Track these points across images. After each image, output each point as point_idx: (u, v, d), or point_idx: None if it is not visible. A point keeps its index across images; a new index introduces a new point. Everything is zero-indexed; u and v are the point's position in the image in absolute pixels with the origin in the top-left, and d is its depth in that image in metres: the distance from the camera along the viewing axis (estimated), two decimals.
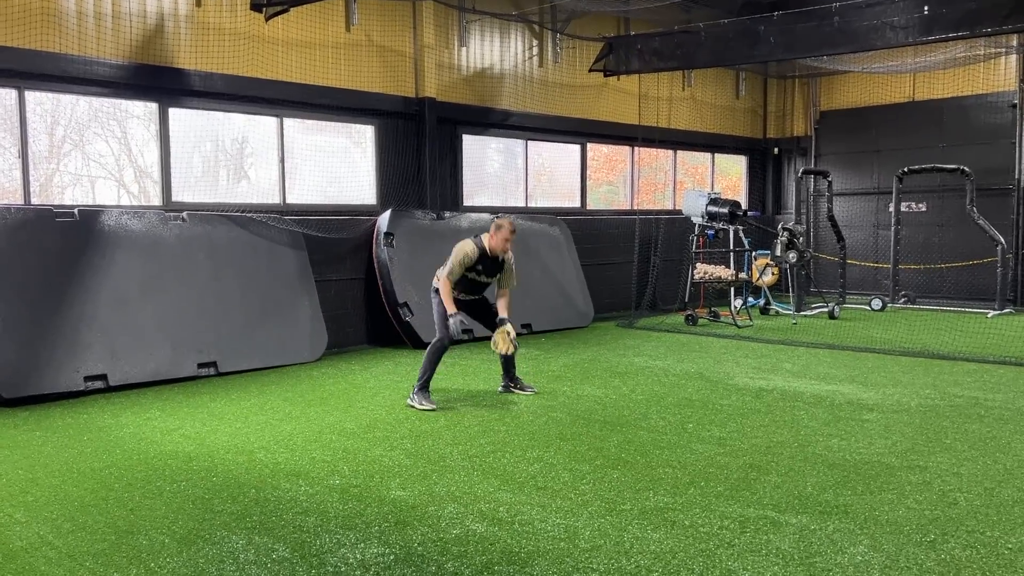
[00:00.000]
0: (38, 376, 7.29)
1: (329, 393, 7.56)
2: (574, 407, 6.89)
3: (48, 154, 8.46)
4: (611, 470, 5.14)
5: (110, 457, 5.53)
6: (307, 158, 10.29)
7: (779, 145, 16.99)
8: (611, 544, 3.98)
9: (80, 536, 4.15)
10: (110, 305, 7.91)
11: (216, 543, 4.04)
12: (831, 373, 8.34)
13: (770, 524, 4.22)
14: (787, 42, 10.72)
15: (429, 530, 4.18)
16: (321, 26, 10.03)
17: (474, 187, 12.12)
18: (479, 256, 7.08)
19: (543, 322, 11.52)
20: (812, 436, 5.92)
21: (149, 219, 8.49)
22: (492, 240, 7.11)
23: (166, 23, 8.79)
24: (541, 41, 12.67)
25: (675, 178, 15.39)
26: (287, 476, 5.08)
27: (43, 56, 7.90)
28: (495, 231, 7.11)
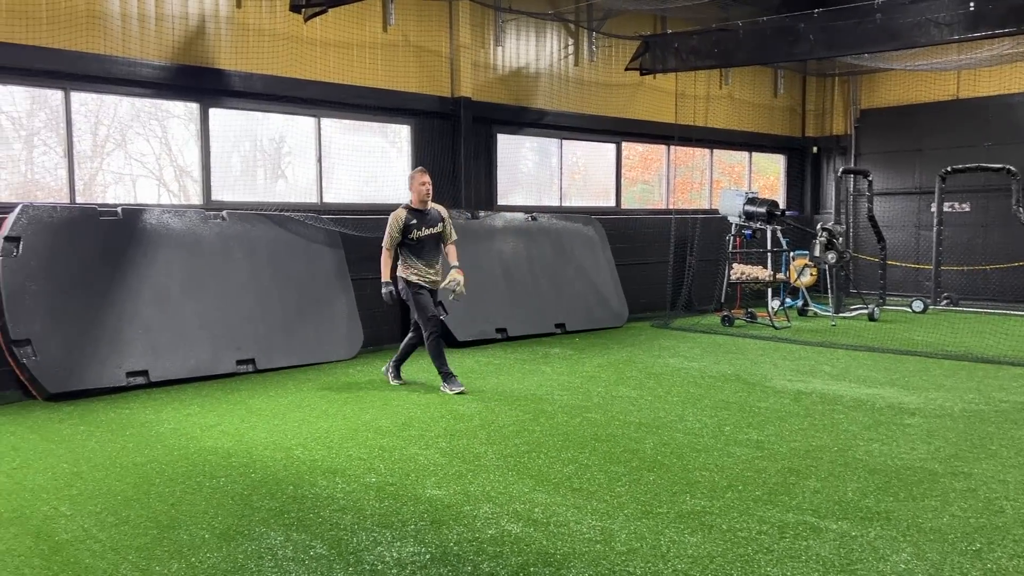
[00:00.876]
0: (82, 371, 7.45)
1: (364, 391, 7.62)
2: (609, 408, 6.86)
3: (91, 153, 8.63)
4: (647, 472, 5.11)
5: (151, 452, 5.62)
6: (344, 158, 10.36)
7: (818, 144, 16.75)
8: (648, 547, 3.95)
9: (123, 530, 4.23)
10: (152, 302, 8.05)
11: (255, 539, 4.09)
12: (871, 376, 8.20)
13: (810, 530, 4.16)
14: (827, 40, 10.56)
15: (464, 530, 4.19)
16: (359, 26, 10.10)
17: (508, 186, 12.13)
18: (408, 213, 7.43)
19: (577, 322, 11.49)
20: (852, 440, 5.83)
21: (190, 218, 8.62)
22: (412, 192, 7.50)
23: (207, 24, 8.92)
24: (577, 40, 12.63)
25: (711, 177, 15.25)
26: (324, 473, 5.12)
27: (88, 58, 8.06)
28: (409, 184, 7.55)
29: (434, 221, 7.51)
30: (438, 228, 7.54)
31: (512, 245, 11.23)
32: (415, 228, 7.41)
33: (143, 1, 8.42)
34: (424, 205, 7.50)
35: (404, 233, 7.40)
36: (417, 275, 7.47)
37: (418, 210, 7.48)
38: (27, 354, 7.22)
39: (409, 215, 7.43)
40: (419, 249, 7.45)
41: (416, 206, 7.49)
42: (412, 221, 7.41)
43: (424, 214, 7.47)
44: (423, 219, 7.45)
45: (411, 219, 7.41)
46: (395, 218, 7.43)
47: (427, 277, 7.50)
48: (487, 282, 10.74)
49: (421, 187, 7.44)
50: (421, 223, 7.43)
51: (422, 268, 7.47)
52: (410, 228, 7.40)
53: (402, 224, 7.41)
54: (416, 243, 7.43)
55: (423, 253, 7.48)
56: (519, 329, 10.78)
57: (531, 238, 11.51)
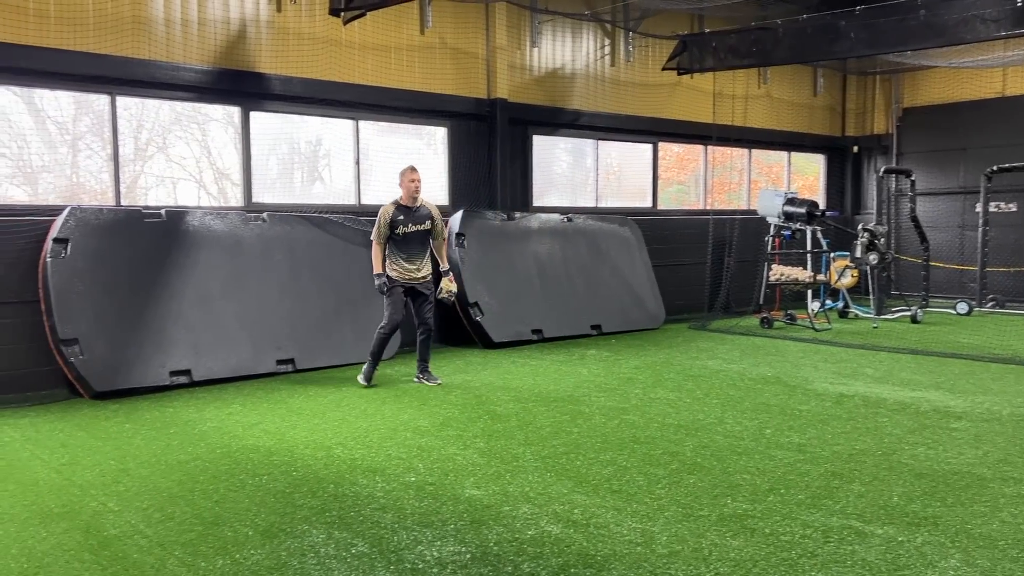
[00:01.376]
0: (127, 370, 7.59)
1: (402, 391, 7.66)
2: (647, 410, 6.82)
3: (134, 157, 8.79)
4: (687, 475, 5.07)
5: (195, 450, 5.72)
6: (381, 159, 10.44)
7: (859, 143, 16.49)
8: (689, 550, 3.92)
9: (169, 526, 4.30)
10: (194, 303, 8.18)
11: (297, 536, 4.14)
12: (915, 379, 8.05)
13: (855, 534, 4.09)
14: (869, 37, 10.39)
15: (504, 530, 4.19)
16: (396, 29, 10.18)
17: (544, 187, 12.12)
18: (396, 208, 7.62)
19: (613, 323, 11.44)
20: (897, 444, 5.72)
21: (231, 219, 8.75)
22: (401, 189, 7.71)
23: (248, 28, 9.05)
24: (613, 40, 12.59)
25: (749, 177, 15.09)
26: (364, 472, 5.16)
27: (133, 63, 8.22)
28: (400, 181, 7.74)
29: (422, 218, 7.67)
30: (425, 225, 7.69)
31: (548, 246, 11.22)
32: (402, 224, 7.59)
33: (186, 6, 8.57)
34: (413, 202, 7.66)
35: (391, 228, 7.60)
36: (398, 271, 7.67)
37: (407, 206, 7.66)
38: (74, 353, 7.38)
39: (397, 211, 7.62)
40: (404, 245, 7.63)
41: (405, 202, 7.67)
42: (399, 217, 7.60)
43: (412, 211, 7.65)
44: (410, 215, 7.63)
45: (399, 215, 7.61)
46: (384, 212, 7.64)
47: (407, 274, 7.69)
48: (523, 283, 10.74)
49: (410, 183, 7.64)
50: (408, 219, 7.61)
51: (404, 265, 7.66)
52: (397, 223, 7.59)
53: (389, 218, 7.60)
54: (402, 238, 7.61)
55: (408, 249, 7.65)
56: (555, 330, 10.76)
57: (567, 239, 11.49)
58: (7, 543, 4.11)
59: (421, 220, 7.67)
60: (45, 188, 8.19)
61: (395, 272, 7.69)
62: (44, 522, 4.38)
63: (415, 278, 7.73)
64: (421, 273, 7.76)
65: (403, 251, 7.66)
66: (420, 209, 7.69)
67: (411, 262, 7.68)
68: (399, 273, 7.68)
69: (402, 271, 7.68)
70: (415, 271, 7.71)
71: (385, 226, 7.61)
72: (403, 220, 7.60)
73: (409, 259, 7.68)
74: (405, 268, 7.68)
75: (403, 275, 7.69)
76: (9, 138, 7.93)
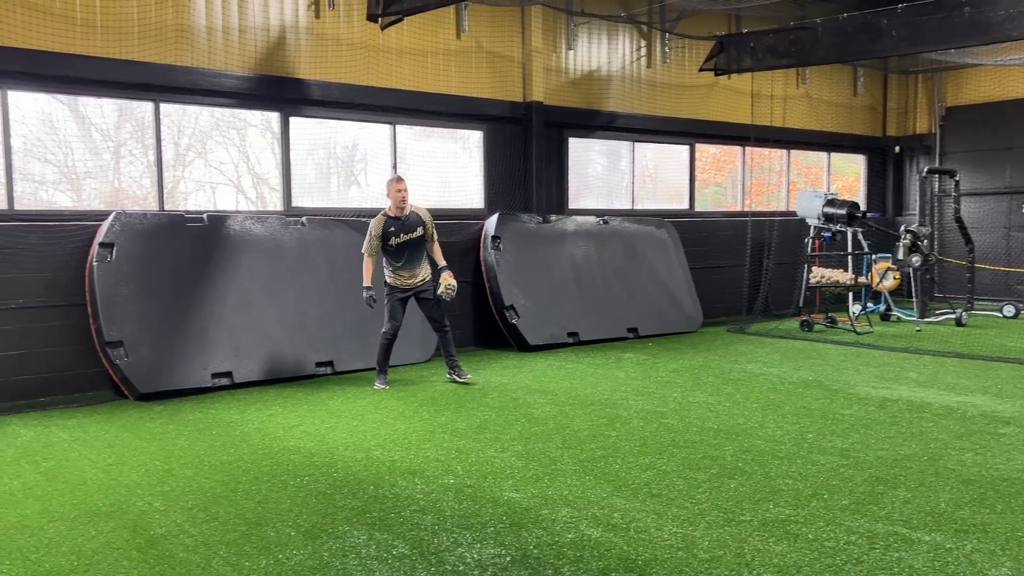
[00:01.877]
0: (170, 372, 7.73)
1: (439, 393, 7.69)
2: (686, 414, 6.76)
3: (174, 162, 8.95)
4: (728, 479, 5.01)
5: (237, 451, 5.80)
6: (416, 163, 10.50)
7: (900, 143, 16.20)
8: (731, 555, 3.88)
9: (213, 526, 4.37)
10: (235, 306, 8.30)
11: (339, 537, 4.17)
12: (961, 383, 7.88)
13: (901, 541, 4.02)
14: (912, 36, 10.21)
15: (544, 533, 4.19)
16: (433, 34, 10.24)
17: (579, 190, 12.09)
18: (386, 220, 7.80)
19: (650, 326, 11.37)
20: (943, 450, 5.61)
21: (271, 224, 8.86)
22: (389, 199, 7.89)
23: (287, 35, 9.17)
24: (649, 41, 12.53)
25: (788, 178, 14.91)
26: (403, 474, 5.19)
27: (176, 70, 8.38)
28: (387, 192, 7.94)
29: (412, 226, 7.83)
30: (417, 233, 7.85)
31: (583, 249, 11.19)
32: (393, 235, 7.77)
33: (227, 14, 8.71)
34: (402, 211, 7.84)
35: (383, 239, 7.78)
36: (395, 279, 7.88)
37: (396, 217, 7.82)
38: (119, 355, 7.53)
39: (388, 222, 7.80)
40: (399, 254, 7.81)
41: (394, 213, 7.84)
42: (390, 228, 7.78)
43: (402, 221, 7.82)
44: (401, 226, 7.80)
45: (389, 226, 7.78)
46: (374, 225, 7.82)
47: (405, 282, 7.88)
48: (558, 286, 10.73)
49: (396, 194, 7.81)
50: (399, 229, 7.79)
51: (401, 273, 7.86)
52: (389, 235, 7.77)
53: (381, 231, 7.78)
54: (396, 249, 7.80)
55: (402, 258, 7.82)
56: (591, 333, 10.73)
57: (602, 241, 11.45)
58: (58, 541, 4.20)
59: (412, 228, 7.84)
60: (89, 194, 8.38)
61: (392, 279, 7.91)
62: (92, 521, 4.47)
63: (414, 284, 7.94)
64: (419, 278, 7.96)
65: (398, 260, 7.83)
66: (410, 217, 7.86)
67: (407, 269, 7.88)
68: (397, 280, 7.90)
69: (400, 279, 7.89)
70: (412, 277, 7.92)
71: (377, 239, 7.79)
72: (394, 231, 7.78)
73: (405, 267, 7.87)
74: (402, 276, 7.88)
75: (401, 282, 7.89)
76: (55, 145, 8.12)
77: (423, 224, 7.90)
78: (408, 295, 7.94)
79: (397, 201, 7.83)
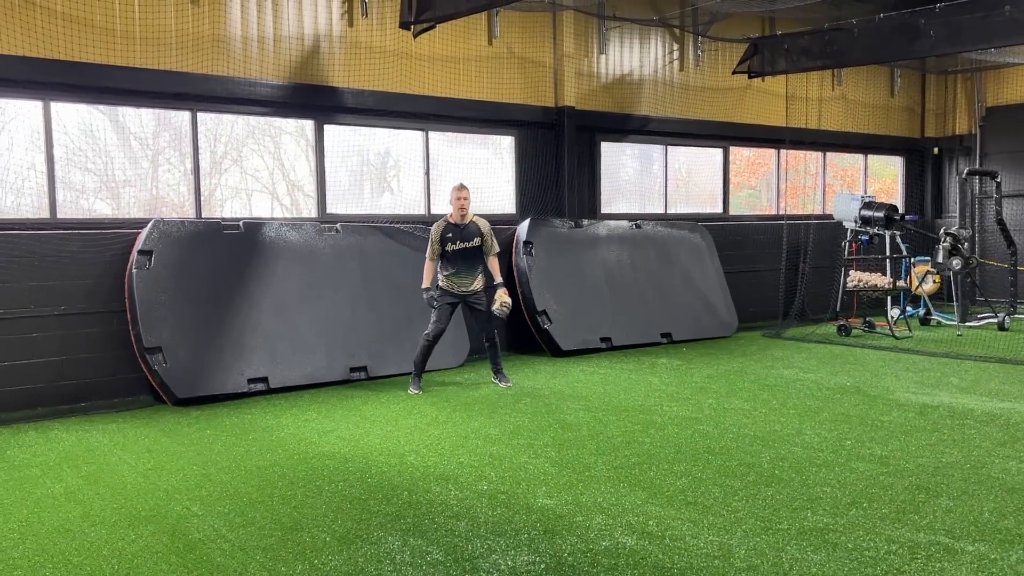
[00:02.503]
0: (208, 377, 7.83)
1: (472, 399, 7.70)
2: (721, 420, 6.69)
3: (210, 170, 9.08)
4: (764, 487, 4.95)
5: (273, 456, 5.85)
6: (449, 169, 10.55)
7: (939, 144, 15.90)
8: (768, 565, 3.83)
9: (250, 531, 4.41)
10: (271, 312, 8.39)
11: (374, 543, 4.19)
12: (1004, 389, 7.70)
13: (944, 551, 3.93)
14: (951, 35, 10.04)
15: (578, 541, 4.17)
16: (464, 41, 10.28)
17: (611, 194, 12.05)
18: (445, 226, 7.96)
19: (684, 331, 11.28)
20: (986, 457, 5.48)
21: (306, 230, 8.95)
22: (451, 207, 8.04)
23: (321, 44, 9.26)
24: (682, 45, 12.45)
25: (824, 181, 14.71)
26: (437, 480, 5.20)
27: (213, 79, 8.50)
28: (449, 199, 8.07)
29: (470, 235, 7.96)
30: (474, 243, 7.97)
31: (616, 253, 11.15)
32: (450, 241, 7.93)
33: (262, 24, 8.83)
34: (462, 219, 7.97)
35: (441, 244, 7.95)
36: (448, 283, 8.02)
37: (456, 224, 7.97)
38: (158, 361, 7.65)
39: (447, 228, 7.97)
40: (454, 260, 7.96)
41: (454, 220, 7.99)
42: (448, 235, 7.95)
43: (461, 228, 7.96)
44: (459, 233, 7.95)
45: (448, 232, 7.96)
46: (434, 230, 8.02)
47: (457, 288, 8.01)
48: (591, 291, 10.69)
49: (456, 201, 7.95)
50: (456, 237, 7.94)
51: (453, 279, 7.99)
52: (446, 240, 7.94)
53: (440, 236, 7.97)
54: (451, 255, 7.95)
55: (456, 264, 7.98)
56: (624, 338, 10.67)
57: (635, 246, 11.39)
58: (99, 544, 4.27)
59: (469, 237, 7.96)
60: (127, 202, 8.53)
61: (445, 284, 8.04)
62: (132, 525, 4.54)
63: (465, 291, 8.04)
64: (470, 287, 8.04)
65: (453, 266, 7.98)
66: (469, 226, 7.98)
67: (460, 277, 8.00)
68: (450, 286, 8.03)
69: (452, 284, 8.02)
70: (464, 286, 8.02)
71: (436, 243, 7.97)
72: (452, 237, 7.93)
73: (458, 274, 7.99)
74: (454, 282, 8.01)
75: (453, 288, 8.02)
76: (95, 154, 8.29)
77: (481, 235, 8.01)
78: (458, 301, 8.07)
79: (457, 208, 7.96)
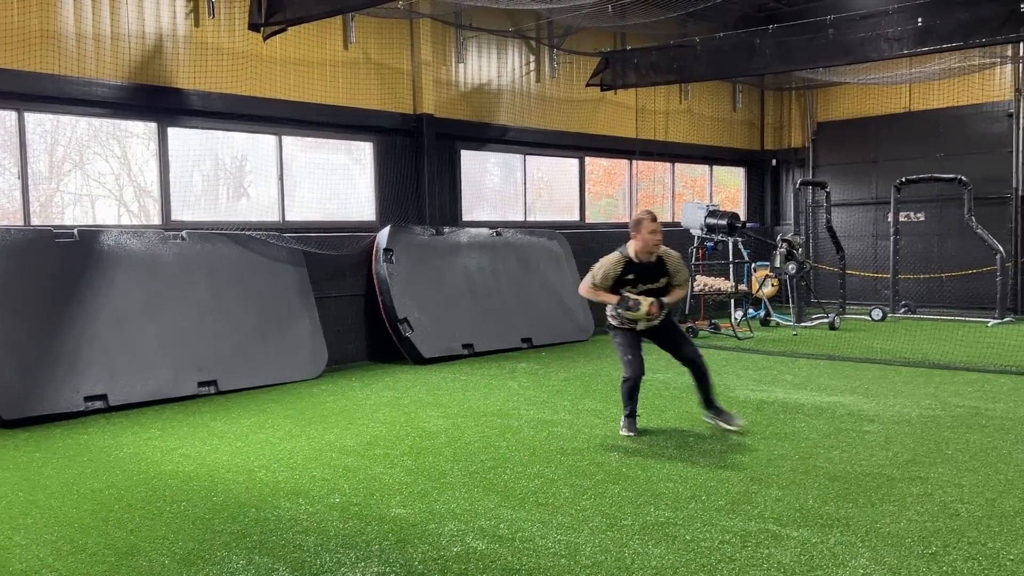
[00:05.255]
0: (38, 397, 7.30)
1: (329, 410, 7.56)
2: (575, 422, 6.88)
3: (48, 174, 8.50)
4: (612, 485, 5.13)
5: (110, 478, 5.52)
6: (306, 175, 10.33)
7: (777, 156, 17.04)
8: (612, 560, 3.97)
9: (80, 558, 4.14)
10: (110, 325, 7.92)
11: (216, 563, 4.03)
12: (832, 384, 8.33)
13: (771, 538, 4.21)
14: (783, 54, 10.79)
15: (430, 548, 4.17)
16: (319, 45, 10.09)
17: (473, 202, 12.16)
18: (626, 264, 6.13)
19: (543, 336, 11.52)
20: (813, 448, 5.91)
21: (149, 238, 8.51)
22: (636, 241, 6.10)
23: (165, 44, 8.85)
24: (538, 56, 12.74)
25: (673, 190, 15.43)
26: (287, 495, 5.07)
27: (43, 78, 7.95)
28: (634, 230, 6.09)
29: (656, 276, 6.17)
30: (659, 283, 6.20)
31: (477, 261, 11.25)
32: (630, 284, 6.15)
33: (98, 21, 8.34)
34: (650, 256, 6.14)
35: (616, 285, 6.17)
36: (619, 321, 6.33)
37: (638, 263, 6.14)
38: None
39: (627, 268, 6.12)
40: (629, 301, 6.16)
41: (640, 257, 6.13)
42: (628, 276, 6.12)
43: (645, 268, 6.15)
44: (642, 274, 6.14)
45: (627, 273, 6.12)
46: (609, 265, 6.15)
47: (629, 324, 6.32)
48: (453, 298, 10.74)
49: (651, 236, 6.02)
50: (639, 278, 6.14)
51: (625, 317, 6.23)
52: (624, 283, 6.14)
53: (614, 276, 6.15)
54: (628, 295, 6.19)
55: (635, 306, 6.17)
56: (485, 344, 10.78)
57: (496, 253, 11.54)
58: None
59: (654, 278, 6.17)
60: None
61: (617, 321, 6.34)
62: None
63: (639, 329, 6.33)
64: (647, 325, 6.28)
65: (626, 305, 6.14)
66: (656, 264, 6.16)
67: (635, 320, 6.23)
68: (621, 322, 6.31)
69: (624, 321, 6.29)
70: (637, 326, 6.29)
71: (610, 281, 6.16)
72: (632, 280, 6.13)
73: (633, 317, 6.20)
74: (627, 320, 6.26)
75: (625, 324, 6.32)
76: None
77: (668, 275, 6.22)
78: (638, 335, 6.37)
79: (648, 245, 6.06)
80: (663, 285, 6.23)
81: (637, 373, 6.31)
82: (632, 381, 6.34)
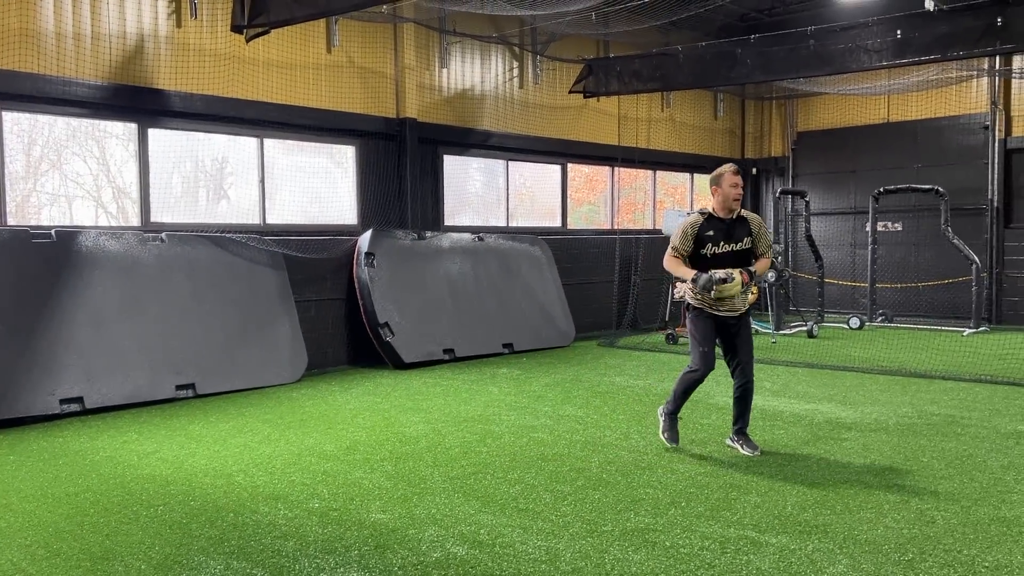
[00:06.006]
0: (13, 399, 7.19)
1: (309, 415, 7.51)
2: (555, 427, 6.89)
3: (25, 174, 8.40)
4: (592, 491, 5.14)
5: (85, 482, 5.45)
6: (288, 178, 10.28)
7: (757, 165, 17.18)
8: (592, 566, 3.97)
9: (54, 563, 4.09)
10: (87, 327, 7.83)
11: (193, 568, 3.99)
12: (810, 392, 8.39)
13: (750, 544, 4.23)
14: (764, 64, 10.89)
15: (409, 554, 4.16)
16: (302, 47, 10.06)
17: (455, 207, 12.16)
18: (705, 220, 5.83)
19: (524, 341, 11.52)
20: (791, 455, 5.95)
21: (127, 240, 8.43)
22: (716, 196, 5.87)
23: (146, 44, 8.78)
24: (521, 63, 12.77)
25: (655, 198, 15.51)
26: (266, 500, 5.03)
27: (21, 77, 7.86)
28: (713, 184, 5.88)
29: (739, 235, 5.84)
30: (744, 244, 5.85)
31: (459, 265, 11.24)
32: (711, 241, 5.79)
33: (78, 20, 8.26)
34: (730, 213, 5.85)
35: (696, 245, 5.82)
36: (702, 300, 5.87)
37: (720, 219, 5.85)
38: None
39: (706, 224, 5.82)
40: (712, 268, 5.75)
41: (720, 213, 5.85)
42: (709, 232, 5.80)
43: (728, 224, 5.84)
44: (725, 231, 5.82)
45: (708, 229, 5.81)
46: (687, 225, 5.86)
47: (712, 307, 5.86)
48: (434, 303, 10.72)
49: (731, 189, 5.79)
50: (720, 235, 5.80)
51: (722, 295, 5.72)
52: (705, 240, 5.79)
53: (695, 233, 5.81)
54: (711, 260, 5.79)
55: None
56: (466, 349, 10.77)
57: (478, 258, 11.54)
58: None
59: (738, 237, 5.83)
60: None
61: (697, 301, 5.90)
62: None
63: (723, 311, 5.86)
64: (734, 304, 5.85)
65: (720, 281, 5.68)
66: (738, 222, 5.87)
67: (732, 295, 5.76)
68: (704, 303, 5.87)
69: (707, 301, 5.85)
70: (724, 304, 5.82)
71: (690, 241, 5.81)
72: (713, 236, 5.80)
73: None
74: (711, 299, 5.79)
75: (707, 306, 5.88)
76: None
77: (752, 235, 5.87)
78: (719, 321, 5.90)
79: (728, 199, 5.80)
80: (747, 248, 5.87)
81: (708, 368, 5.92)
82: (699, 375, 5.96)
